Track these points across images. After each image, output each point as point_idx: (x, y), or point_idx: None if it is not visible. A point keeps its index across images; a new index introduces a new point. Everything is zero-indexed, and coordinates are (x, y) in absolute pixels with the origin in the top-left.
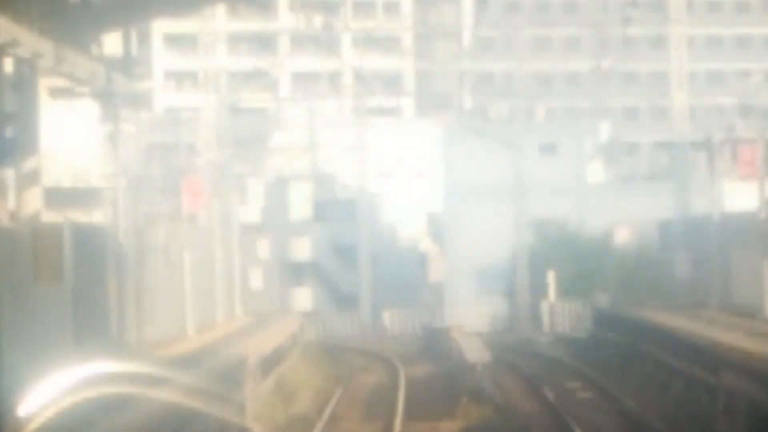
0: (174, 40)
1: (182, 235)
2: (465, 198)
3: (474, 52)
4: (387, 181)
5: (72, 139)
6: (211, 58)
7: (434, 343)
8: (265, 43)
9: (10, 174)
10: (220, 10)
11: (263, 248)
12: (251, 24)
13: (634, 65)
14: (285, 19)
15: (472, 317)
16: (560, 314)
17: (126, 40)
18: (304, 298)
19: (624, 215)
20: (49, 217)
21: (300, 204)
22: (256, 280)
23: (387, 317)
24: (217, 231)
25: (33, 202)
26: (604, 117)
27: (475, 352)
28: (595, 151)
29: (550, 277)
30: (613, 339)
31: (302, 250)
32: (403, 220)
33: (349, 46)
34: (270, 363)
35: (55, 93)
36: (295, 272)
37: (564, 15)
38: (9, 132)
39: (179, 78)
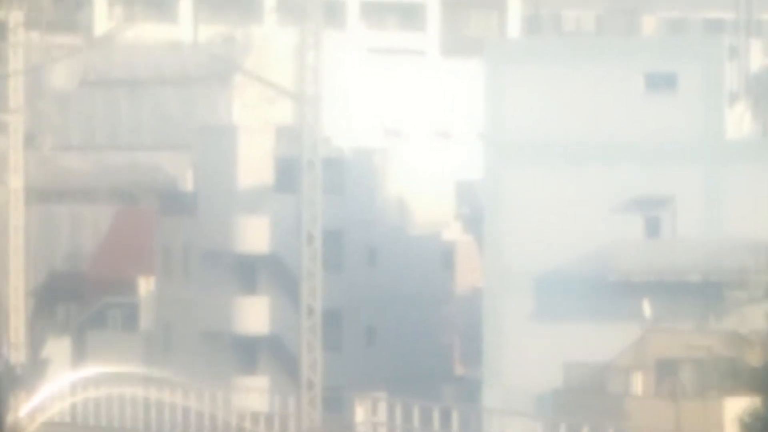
0: None
1: None
2: (519, 160)
3: None
4: (396, 139)
5: None
6: None
7: None
8: None
9: None
10: None
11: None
12: None
13: None
14: None
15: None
16: None
17: None
18: (256, 312)
19: None
20: None
21: (255, 165)
22: None
23: (361, 413)
24: None
25: None
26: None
27: None
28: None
29: None
30: None
31: (256, 236)
32: (419, 193)
33: None
34: None
35: None
36: (245, 272)
37: None
38: None
39: None
